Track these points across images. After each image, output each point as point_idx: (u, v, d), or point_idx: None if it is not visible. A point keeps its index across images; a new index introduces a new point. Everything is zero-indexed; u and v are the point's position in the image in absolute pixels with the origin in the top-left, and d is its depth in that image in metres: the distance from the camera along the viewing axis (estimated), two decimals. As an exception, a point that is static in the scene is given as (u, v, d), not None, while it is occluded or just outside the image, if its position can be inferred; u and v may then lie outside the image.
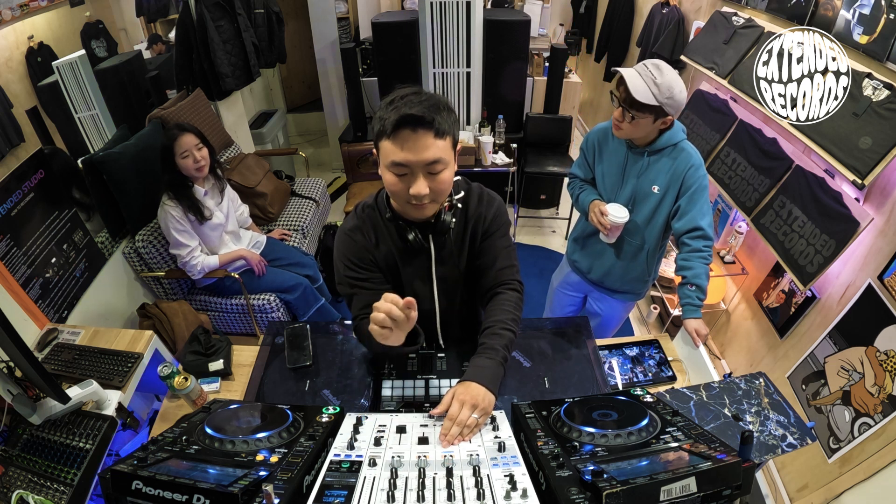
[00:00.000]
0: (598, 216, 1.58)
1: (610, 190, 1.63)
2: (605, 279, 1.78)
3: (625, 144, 1.55)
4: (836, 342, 1.72)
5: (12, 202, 1.78)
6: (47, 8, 2.13)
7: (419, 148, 0.90)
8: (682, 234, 1.52)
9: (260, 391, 1.33)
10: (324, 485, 0.70)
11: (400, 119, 0.88)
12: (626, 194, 1.58)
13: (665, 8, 3.23)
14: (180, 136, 2.05)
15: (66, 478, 1.25)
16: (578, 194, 1.73)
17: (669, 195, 1.53)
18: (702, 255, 1.50)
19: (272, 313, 2.40)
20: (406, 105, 0.89)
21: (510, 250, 1.15)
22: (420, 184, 0.93)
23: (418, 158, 0.90)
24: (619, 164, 1.58)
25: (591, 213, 1.62)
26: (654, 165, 1.52)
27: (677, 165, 1.49)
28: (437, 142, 0.91)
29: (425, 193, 0.94)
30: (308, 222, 3.02)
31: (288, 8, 4.38)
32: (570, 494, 0.64)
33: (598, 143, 1.64)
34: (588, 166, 1.71)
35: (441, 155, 0.92)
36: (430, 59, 3.20)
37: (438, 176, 0.94)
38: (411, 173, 0.93)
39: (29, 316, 1.75)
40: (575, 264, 1.88)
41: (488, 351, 0.98)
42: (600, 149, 1.64)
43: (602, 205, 1.58)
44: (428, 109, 0.88)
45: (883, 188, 1.63)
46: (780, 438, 1.14)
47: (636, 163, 1.54)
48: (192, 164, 2.09)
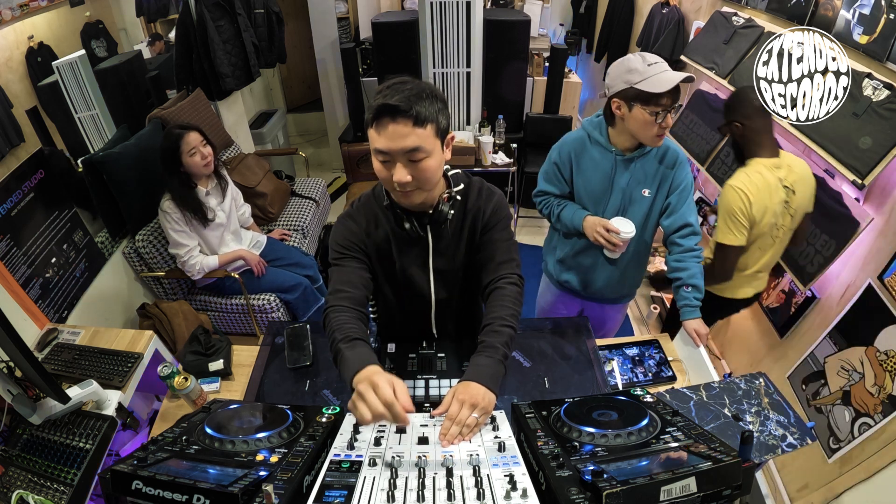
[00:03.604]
0: (606, 234, 1.47)
1: (596, 201, 1.54)
2: (604, 291, 1.71)
3: (611, 152, 1.47)
4: (836, 342, 1.72)
5: (12, 202, 1.78)
6: (47, 8, 2.13)
7: (398, 136, 0.92)
8: (671, 232, 1.51)
9: (260, 391, 1.33)
10: (324, 485, 0.70)
11: (379, 108, 0.91)
12: (614, 203, 1.51)
13: (665, 8, 3.23)
14: (186, 134, 2.05)
15: (66, 478, 1.25)
16: (559, 212, 1.61)
17: (660, 195, 1.49)
18: (694, 253, 1.49)
19: (272, 313, 2.40)
20: (389, 94, 0.91)
21: (510, 244, 1.15)
22: (400, 171, 0.95)
23: (397, 146, 0.92)
24: (604, 173, 1.49)
25: (592, 232, 1.50)
26: (642, 168, 1.47)
27: (666, 163, 1.46)
28: (417, 130, 0.92)
29: (407, 181, 0.95)
30: (308, 222, 3.02)
31: (288, 8, 4.38)
32: (570, 494, 0.64)
33: (575, 155, 1.53)
34: (563, 181, 1.59)
35: (420, 143, 0.93)
36: (430, 59, 3.20)
37: (420, 164, 0.95)
38: (392, 161, 0.95)
39: (29, 316, 1.75)
40: (566, 285, 1.78)
41: (488, 349, 0.98)
42: (577, 160, 1.53)
43: (605, 221, 1.48)
44: (407, 99, 0.90)
45: (883, 188, 1.63)
46: (780, 438, 1.14)
47: (625, 169, 1.47)
48: (200, 161, 2.09)
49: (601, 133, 1.48)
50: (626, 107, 1.35)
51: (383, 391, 0.78)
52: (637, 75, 1.29)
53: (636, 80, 1.29)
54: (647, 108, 1.30)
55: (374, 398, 0.77)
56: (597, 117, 1.52)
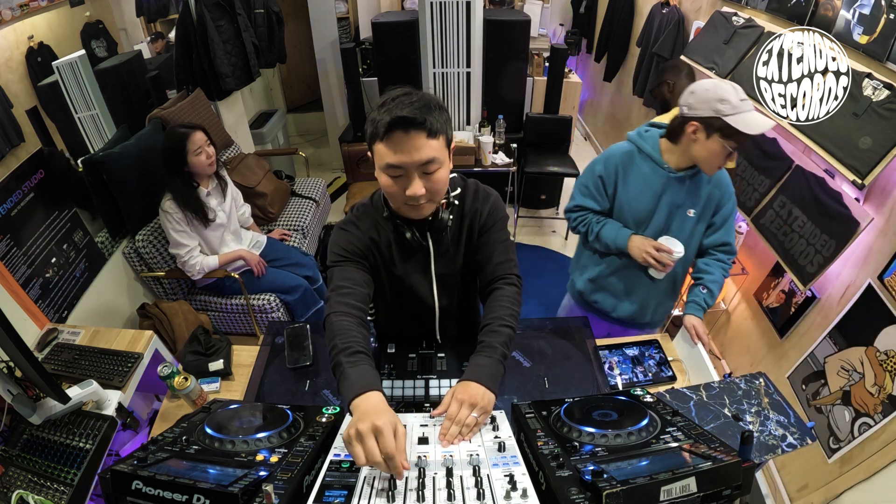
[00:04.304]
0: (657, 254, 1.42)
1: (640, 218, 1.47)
2: (635, 315, 1.64)
3: (663, 169, 1.41)
4: (836, 342, 1.72)
5: (12, 202, 1.78)
6: (47, 8, 2.13)
7: (412, 149, 0.90)
8: (710, 247, 1.51)
9: (260, 391, 1.33)
10: (324, 485, 0.70)
11: (392, 121, 0.88)
12: (658, 221, 1.46)
13: (665, 8, 3.23)
14: (192, 133, 2.05)
15: (66, 478, 1.25)
16: (599, 230, 1.52)
17: (704, 217, 1.47)
18: (723, 265, 1.50)
19: (272, 313, 2.40)
20: (397, 107, 0.89)
21: (507, 245, 1.14)
22: (416, 185, 0.93)
23: (412, 160, 0.91)
24: (653, 191, 1.44)
25: (641, 252, 1.44)
26: (692, 188, 1.43)
27: (714, 186, 1.43)
28: (431, 142, 0.91)
29: (421, 194, 0.94)
30: (308, 222, 3.02)
31: (288, 8, 4.38)
32: (570, 494, 0.64)
33: (622, 168, 1.47)
34: (606, 196, 1.51)
35: (435, 155, 0.92)
36: (430, 59, 3.20)
37: (433, 175, 0.95)
38: (406, 175, 0.93)
39: (29, 316, 1.75)
40: (594, 305, 1.69)
41: (487, 349, 0.98)
42: (625, 174, 1.47)
43: (654, 242, 1.44)
44: (419, 110, 0.88)
45: (883, 188, 1.63)
46: (780, 438, 1.14)
47: (675, 187, 1.42)
48: (206, 160, 2.10)
49: (654, 148, 1.43)
50: (704, 133, 1.30)
51: (386, 442, 0.71)
52: (729, 108, 1.24)
53: (727, 113, 1.25)
54: (727, 141, 1.26)
55: (373, 446, 0.71)
56: (646, 130, 1.47)
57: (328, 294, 1.05)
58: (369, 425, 0.73)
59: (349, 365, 0.89)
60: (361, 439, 0.73)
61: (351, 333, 0.95)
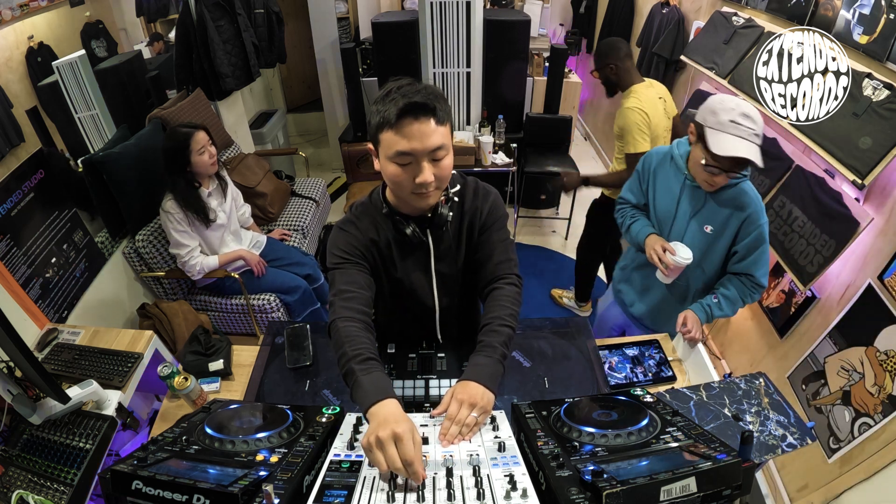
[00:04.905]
0: (660, 253, 1.44)
1: (662, 219, 1.52)
2: (646, 317, 1.69)
3: (683, 174, 1.42)
4: (836, 342, 1.72)
5: (12, 202, 1.78)
6: (47, 8, 2.13)
7: (423, 135, 0.91)
8: (735, 274, 1.49)
9: (260, 391, 1.33)
10: (324, 485, 0.70)
11: (404, 107, 0.89)
12: (678, 227, 1.47)
13: (665, 8, 3.23)
14: (195, 132, 2.06)
15: (66, 478, 1.25)
16: (630, 224, 1.60)
17: (723, 239, 1.42)
18: (745, 289, 1.46)
19: (272, 313, 2.40)
20: (406, 95, 0.90)
21: (507, 244, 1.14)
22: (427, 171, 0.94)
23: (423, 146, 0.92)
24: (672, 194, 1.46)
25: (650, 249, 1.47)
26: (710, 204, 1.41)
27: (735, 210, 1.38)
28: (439, 128, 0.93)
29: (431, 181, 0.95)
30: (308, 222, 3.02)
31: (288, 8, 4.38)
32: (570, 494, 0.64)
33: (656, 169, 1.51)
34: (641, 191, 1.58)
35: (444, 141, 0.94)
36: (430, 59, 3.20)
37: (442, 162, 0.96)
38: (416, 162, 0.94)
39: (29, 316, 1.75)
40: (619, 294, 1.77)
41: (486, 349, 0.98)
42: (655, 173, 1.51)
43: (664, 241, 1.47)
44: (428, 97, 0.90)
45: (883, 188, 1.63)
46: (780, 438, 1.14)
47: (692, 197, 1.42)
48: (209, 160, 2.10)
49: (683, 153, 1.44)
50: (694, 136, 1.35)
51: (406, 448, 0.72)
52: (714, 121, 1.26)
53: (709, 125, 1.26)
54: (704, 153, 1.30)
55: (394, 453, 0.72)
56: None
57: (331, 298, 1.05)
58: (389, 432, 0.73)
59: (362, 373, 0.89)
60: (382, 446, 0.73)
61: (360, 340, 0.95)
